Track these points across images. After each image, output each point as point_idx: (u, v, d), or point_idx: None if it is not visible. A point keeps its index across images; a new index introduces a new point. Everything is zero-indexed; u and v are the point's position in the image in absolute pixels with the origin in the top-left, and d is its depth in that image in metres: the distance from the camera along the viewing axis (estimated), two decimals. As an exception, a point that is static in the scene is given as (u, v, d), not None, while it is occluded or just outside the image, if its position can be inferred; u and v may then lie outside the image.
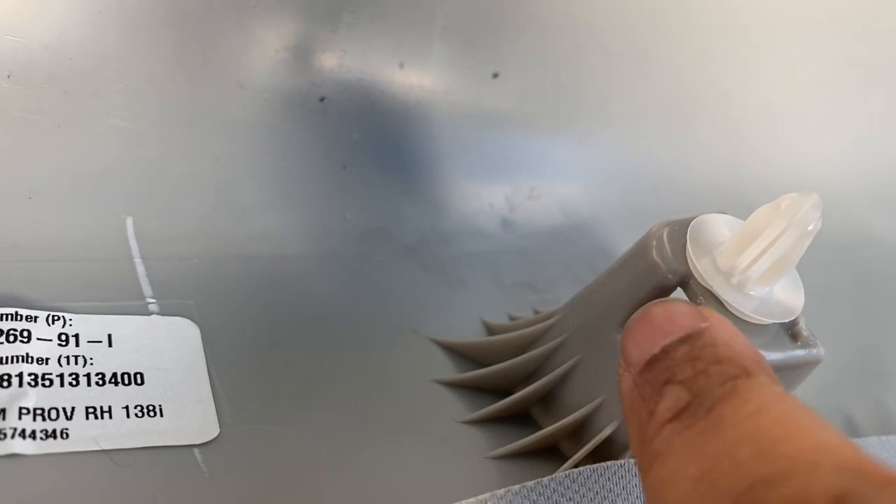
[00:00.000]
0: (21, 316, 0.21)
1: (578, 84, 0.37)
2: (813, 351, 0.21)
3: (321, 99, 0.31)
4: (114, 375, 0.21)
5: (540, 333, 0.25)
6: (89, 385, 0.21)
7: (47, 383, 0.20)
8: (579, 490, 0.21)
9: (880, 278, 0.43)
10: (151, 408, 0.21)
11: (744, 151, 0.43)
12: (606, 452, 0.23)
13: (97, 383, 0.21)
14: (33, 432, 0.19)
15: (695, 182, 0.41)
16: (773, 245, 0.19)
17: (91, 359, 0.22)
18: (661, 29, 0.39)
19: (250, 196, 0.29)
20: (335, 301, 0.28)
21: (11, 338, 0.21)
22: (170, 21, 0.27)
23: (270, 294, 0.27)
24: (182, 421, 0.21)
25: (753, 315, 0.20)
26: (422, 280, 0.30)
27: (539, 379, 0.24)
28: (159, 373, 0.22)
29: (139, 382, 0.22)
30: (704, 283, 0.20)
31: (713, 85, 0.41)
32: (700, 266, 0.20)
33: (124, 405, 0.21)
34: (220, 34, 0.28)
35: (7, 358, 0.20)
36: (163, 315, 0.24)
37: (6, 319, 0.21)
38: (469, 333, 0.29)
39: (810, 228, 0.19)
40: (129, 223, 0.26)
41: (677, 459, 0.15)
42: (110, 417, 0.20)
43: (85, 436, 0.20)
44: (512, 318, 0.30)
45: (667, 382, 0.16)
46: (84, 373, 0.21)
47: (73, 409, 0.20)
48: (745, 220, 0.20)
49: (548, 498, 0.21)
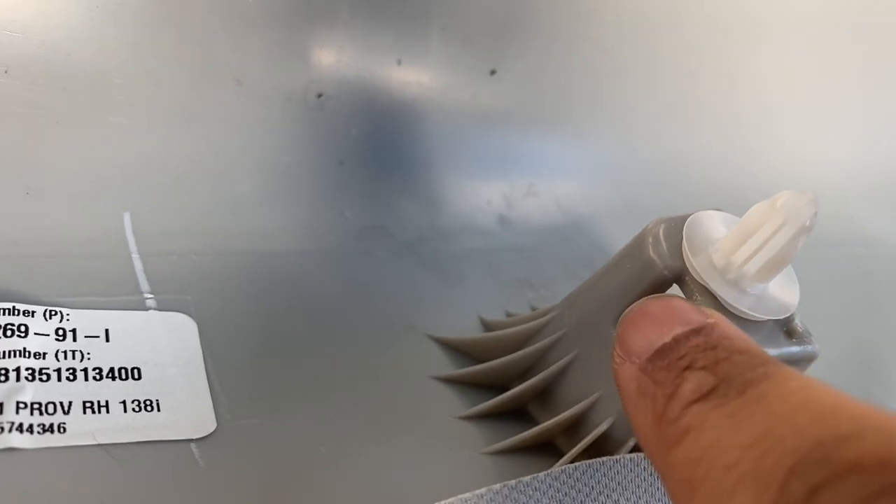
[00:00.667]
0: (18, 311, 0.21)
1: (576, 82, 0.37)
2: (808, 348, 0.21)
3: (319, 95, 0.31)
4: (111, 370, 0.22)
5: (536, 330, 0.25)
6: (86, 380, 0.21)
7: (45, 378, 0.20)
8: (575, 485, 0.21)
9: (875, 276, 0.43)
10: (148, 402, 0.21)
11: (740, 149, 0.43)
12: (602, 448, 0.23)
13: (94, 378, 0.21)
14: (31, 426, 0.19)
15: (691, 180, 0.41)
16: (769, 242, 0.19)
17: (88, 353, 0.22)
18: (659, 27, 0.39)
19: (248, 192, 0.29)
20: (333, 297, 0.28)
21: (9, 332, 0.21)
22: (168, 17, 0.27)
23: (268, 290, 0.27)
24: (179, 415, 0.21)
25: (749, 311, 0.20)
26: (420, 277, 0.30)
27: (535, 375, 0.25)
28: (156, 368, 0.22)
29: (136, 377, 0.22)
30: (700, 280, 0.20)
31: (710, 83, 0.42)
32: (696, 263, 0.20)
33: (121, 400, 0.21)
34: (219, 30, 0.28)
35: (4, 352, 0.20)
36: (160, 310, 0.24)
37: (3, 314, 0.21)
38: (466, 330, 0.29)
39: (806, 225, 0.19)
40: (127, 218, 0.26)
41: (719, 430, 0.15)
42: (107, 412, 0.20)
43: (82, 430, 0.20)
44: (509, 315, 0.30)
45: (687, 368, 0.17)
46: (81, 367, 0.21)
47: (71, 404, 0.20)
48: (741, 218, 0.21)
49: (543, 493, 0.21)
